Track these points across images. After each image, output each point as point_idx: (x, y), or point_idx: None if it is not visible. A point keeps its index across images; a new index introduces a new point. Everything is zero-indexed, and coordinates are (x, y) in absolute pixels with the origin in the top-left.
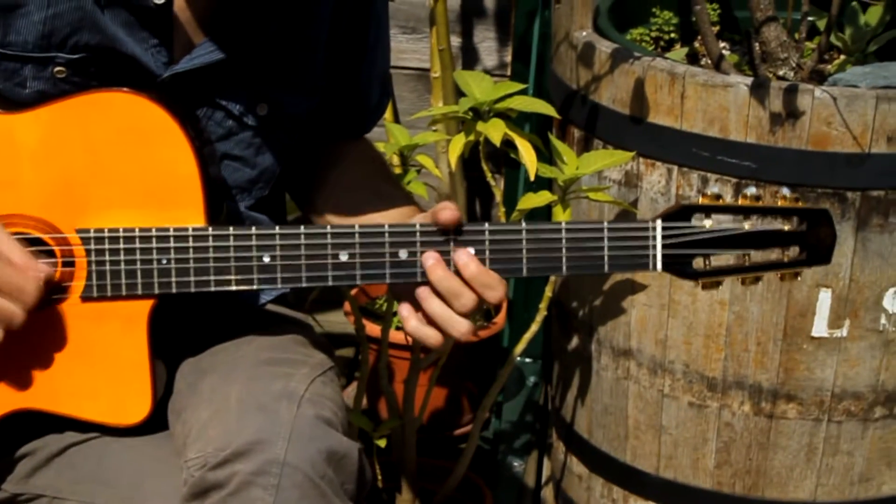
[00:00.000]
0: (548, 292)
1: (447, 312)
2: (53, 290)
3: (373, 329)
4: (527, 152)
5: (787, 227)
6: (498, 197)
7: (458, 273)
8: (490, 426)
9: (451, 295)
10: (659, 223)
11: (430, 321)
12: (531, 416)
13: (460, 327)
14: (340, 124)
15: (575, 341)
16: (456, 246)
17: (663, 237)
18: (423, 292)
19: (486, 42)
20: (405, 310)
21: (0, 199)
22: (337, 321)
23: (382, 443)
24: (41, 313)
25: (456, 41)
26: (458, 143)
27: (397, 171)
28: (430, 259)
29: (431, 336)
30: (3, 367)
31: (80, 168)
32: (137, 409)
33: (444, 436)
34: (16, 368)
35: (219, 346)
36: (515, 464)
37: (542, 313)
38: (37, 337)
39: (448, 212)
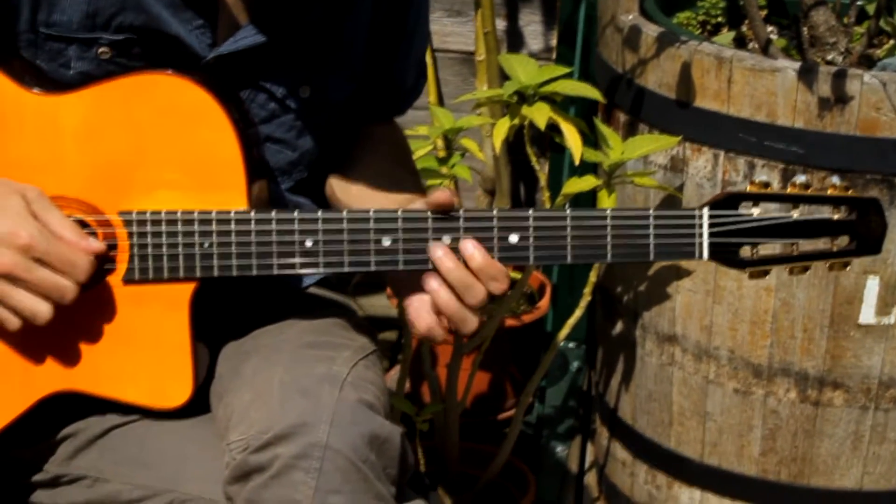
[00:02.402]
0: (592, 277)
1: (458, 307)
2: (96, 273)
3: None
4: (572, 136)
5: (836, 216)
6: (542, 181)
7: (464, 263)
8: (533, 411)
9: (463, 287)
10: (706, 211)
11: (439, 313)
12: (574, 401)
13: (471, 325)
14: (376, 106)
15: (619, 326)
16: (499, 233)
17: (710, 225)
18: (433, 283)
19: (532, 25)
20: (415, 309)
21: (44, 180)
22: (380, 304)
23: (425, 427)
24: (83, 296)
25: (501, 24)
26: (503, 127)
27: (441, 154)
28: (439, 250)
29: (440, 335)
30: (46, 349)
31: (124, 150)
32: (179, 392)
33: (487, 420)
34: (58, 351)
35: (261, 330)
36: (559, 449)
37: (586, 298)
38: (79, 319)
39: (438, 192)
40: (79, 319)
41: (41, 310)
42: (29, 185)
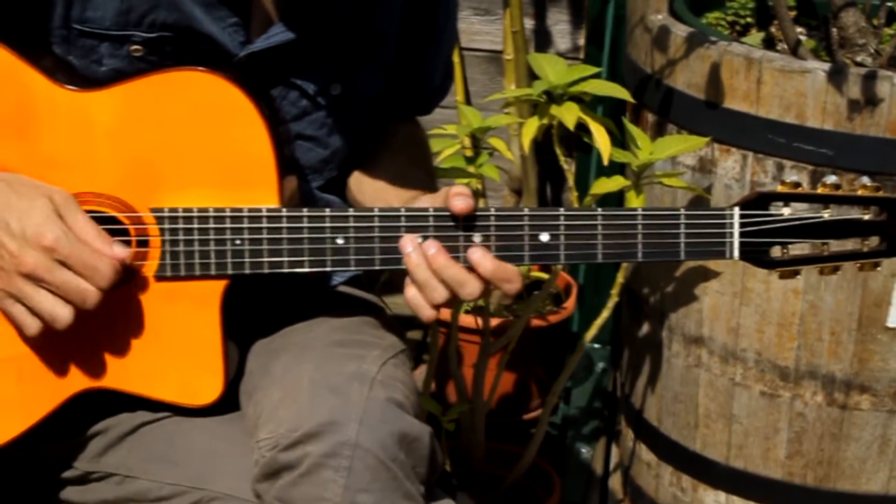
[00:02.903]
0: (620, 278)
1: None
2: (127, 270)
3: (442, 312)
4: (601, 137)
5: (866, 217)
6: (571, 181)
7: (473, 270)
8: (558, 412)
9: (456, 283)
10: (737, 211)
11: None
12: (599, 402)
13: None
14: (402, 104)
15: (646, 328)
16: (529, 231)
17: (741, 225)
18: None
19: (560, 24)
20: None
21: (76, 177)
22: (405, 303)
23: (451, 427)
24: (115, 292)
25: (529, 23)
26: (532, 127)
27: (468, 153)
28: (432, 248)
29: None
30: (77, 345)
31: (155, 147)
32: (209, 389)
33: (512, 421)
34: (89, 347)
35: (290, 328)
36: (583, 450)
37: (613, 299)
38: (110, 316)
39: (461, 201)
40: (110, 316)
41: (61, 313)
42: (58, 188)
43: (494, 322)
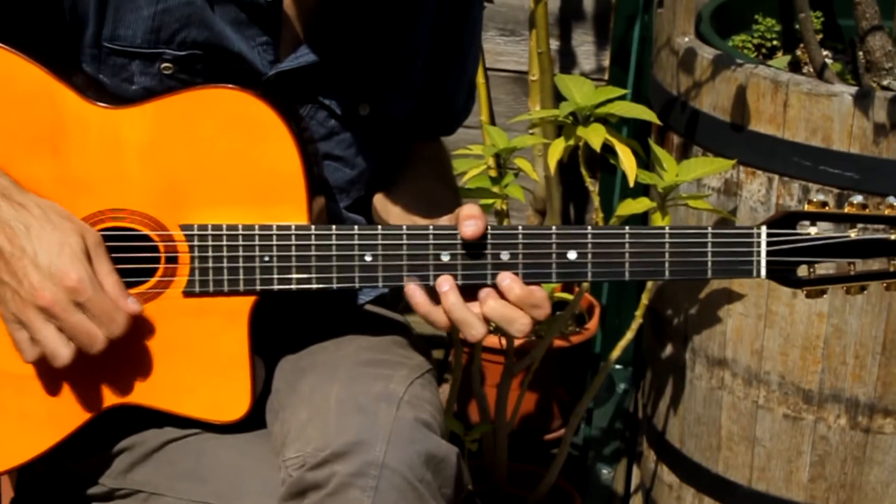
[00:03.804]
0: (644, 300)
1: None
2: (157, 286)
3: None
4: (626, 158)
5: (893, 237)
6: (596, 202)
7: (502, 296)
8: (580, 432)
9: (506, 321)
10: (764, 230)
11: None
12: (621, 423)
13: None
14: (426, 126)
15: (669, 349)
16: (557, 249)
17: (768, 244)
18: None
19: (585, 45)
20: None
21: (106, 194)
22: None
23: (474, 447)
24: (144, 309)
25: (554, 44)
26: (558, 148)
27: (492, 173)
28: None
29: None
30: (105, 362)
31: (185, 164)
32: (236, 406)
33: (534, 441)
34: (116, 363)
35: (318, 346)
36: (604, 471)
37: (637, 321)
38: (138, 332)
39: (471, 226)
40: (138, 332)
41: (63, 353)
42: (91, 228)
43: (517, 342)
